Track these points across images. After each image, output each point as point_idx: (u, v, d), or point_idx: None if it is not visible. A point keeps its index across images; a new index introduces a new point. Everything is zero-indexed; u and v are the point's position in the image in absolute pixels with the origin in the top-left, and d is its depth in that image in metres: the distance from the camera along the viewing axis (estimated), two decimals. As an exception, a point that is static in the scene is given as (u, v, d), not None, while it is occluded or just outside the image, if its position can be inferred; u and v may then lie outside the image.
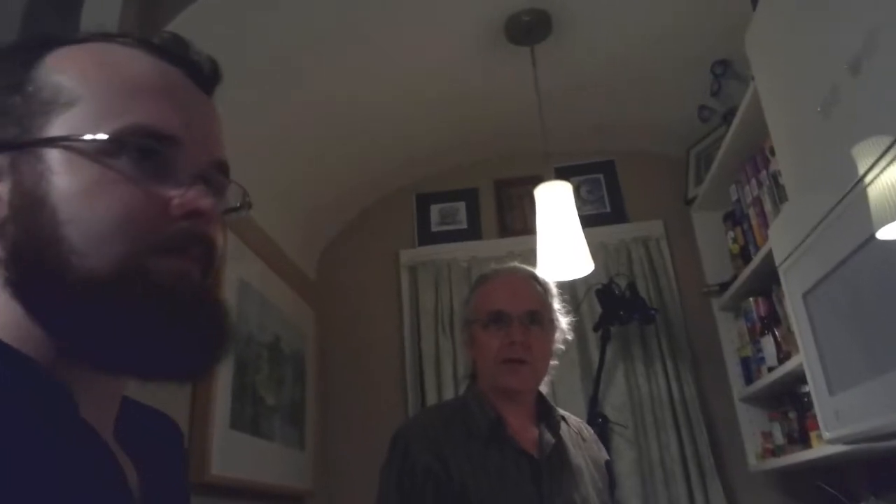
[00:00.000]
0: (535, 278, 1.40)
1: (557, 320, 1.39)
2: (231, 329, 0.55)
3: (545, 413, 1.35)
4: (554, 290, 1.42)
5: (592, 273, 2.07)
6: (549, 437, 1.30)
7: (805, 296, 1.39)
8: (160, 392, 0.53)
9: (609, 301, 2.32)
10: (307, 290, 2.47)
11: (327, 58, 1.99)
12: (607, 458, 1.43)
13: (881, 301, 1.10)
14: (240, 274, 1.85)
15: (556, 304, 1.40)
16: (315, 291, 2.59)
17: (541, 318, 1.33)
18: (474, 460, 1.22)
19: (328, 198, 2.63)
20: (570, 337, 1.42)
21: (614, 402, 2.44)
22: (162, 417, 0.66)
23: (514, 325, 1.29)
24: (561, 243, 1.91)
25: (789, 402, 2.06)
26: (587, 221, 2.14)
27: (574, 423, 1.43)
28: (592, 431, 1.47)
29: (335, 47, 1.96)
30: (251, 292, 1.91)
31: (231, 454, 1.68)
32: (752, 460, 2.32)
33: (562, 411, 1.42)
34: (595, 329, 2.39)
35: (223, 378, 1.66)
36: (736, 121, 2.04)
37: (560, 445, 1.31)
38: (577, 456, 1.33)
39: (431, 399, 2.40)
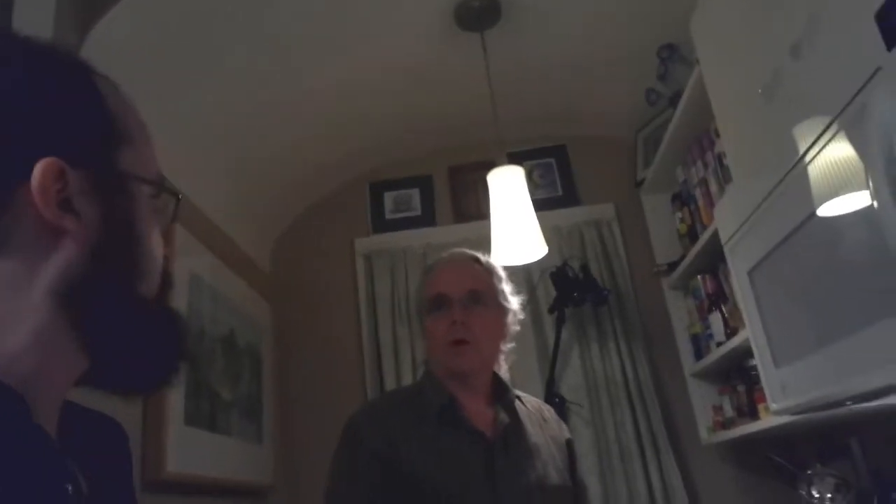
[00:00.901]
0: (476, 260, 1.41)
1: (506, 301, 1.40)
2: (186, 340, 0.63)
3: (500, 394, 1.36)
4: (501, 272, 1.44)
5: (546, 256, 2.10)
6: (503, 416, 1.31)
7: (750, 273, 1.43)
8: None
9: (563, 283, 2.36)
10: (261, 282, 2.43)
11: (276, 46, 1.94)
12: (569, 437, 1.46)
13: (822, 276, 1.14)
14: (190, 268, 1.80)
15: (505, 286, 1.42)
16: (270, 283, 2.55)
17: (483, 297, 1.34)
18: (426, 443, 1.22)
19: (280, 189, 2.59)
20: (521, 317, 1.44)
21: (570, 383, 2.48)
22: (105, 420, 0.65)
23: (455, 306, 1.31)
24: (514, 228, 1.92)
25: (738, 376, 2.14)
26: (540, 205, 2.16)
27: (533, 403, 1.45)
28: (553, 411, 1.50)
29: (284, 35, 1.92)
30: (203, 286, 1.87)
31: (187, 451, 1.65)
32: (704, 434, 2.40)
33: (519, 392, 1.43)
34: (550, 311, 2.43)
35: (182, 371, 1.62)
36: (682, 104, 2.09)
37: (516, 425, 1.32)
38: (536, 435, 1.35)
39: (391, 387, 2.40)
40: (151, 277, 0.57)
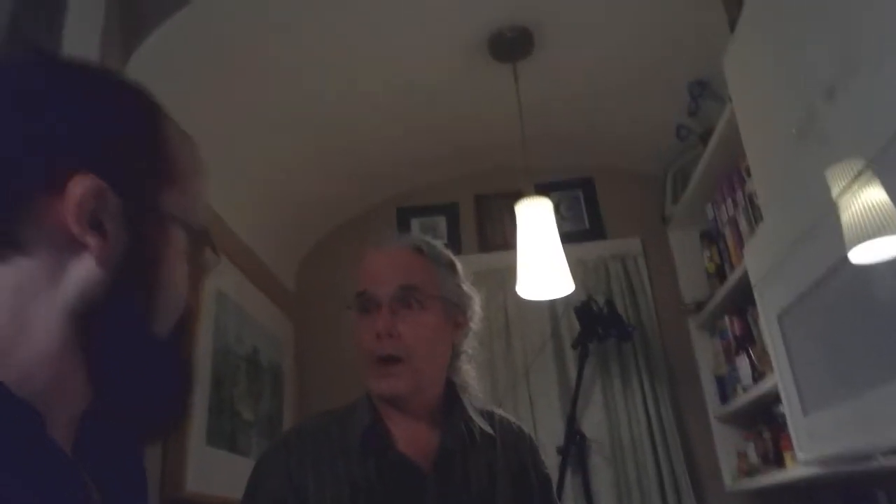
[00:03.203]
0: (418, 248, 1.08)
1: (456, 297, 1.08)
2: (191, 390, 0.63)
3: (449, 412, 1.07)
4: (453, 261, 1.13)
5: (573, 289, 2.08)
6: (447, 442, 1.04)
7: (780, 316, 1.40)
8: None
9: (587, 318, 2.33)
10: (286, 301, 2.44)
11: (309, 70, 1.99)
12: (547, 472, 1.16)
13: (854, 322, 1.12)
14: (218, 285, 1.83)
15: (456, 278, 1.11)
16: (294, 303, 2.56)
17: (419, 295, 1.02)
18: (339, 478, 0.98)
19: (308, 209, 2.62)
20: (473, 326, 1.12)
21: (592, 420, 2.44)
22: (122, 440, 0.65)
23: (382, 309, 1.01)
24: (541, 261, 1.91)
25: (764, 421, 2.08)
26: (566, 238, 2.15)
27: (505, 424, 1.15)
28: (529, 436, 1.18)
29: (318, 59, 1.96)
30: (229, 304, 1.88)
31: (207, 471, 1.65)
32: (728, 480, 2.33)
33: (495, 410, 1.16)
34: (573, 346, 2.40)
35: (200, 393, 1.64)
36: (713, 141, 2.08)
37: (464, 453, 1.05)
38: (495, 466, 1.07)
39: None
40: (167, 318, 0.56)
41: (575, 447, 2.31)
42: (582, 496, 2.33)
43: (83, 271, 0.50)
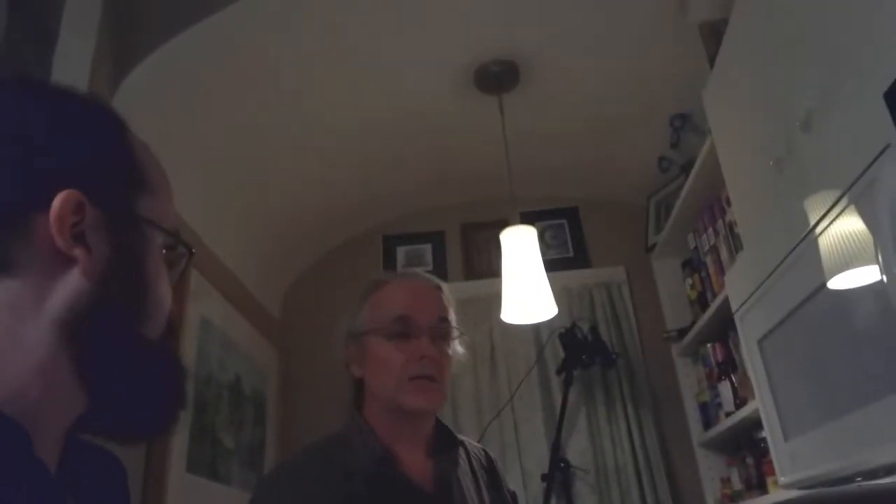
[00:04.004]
0: (438, 286, 1.19)
1: (460, 335, 1.18)
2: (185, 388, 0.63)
3: (444, 441, 1.15)
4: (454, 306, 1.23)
5: (556, 317, 2.09)
6: (447, 468, 1.11)
7: (760, 342, 1.42)
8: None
9: (572, 345, 2.35)
10: (270, 328, 2.43)
11: (299, 102, 2.01)
12: (512, 489, 1.25)
13: (832, 348, 1.14)
14: (202, 311, 1.82)
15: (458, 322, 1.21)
16: (279, 330, 2.56)
17: (450, 330, 1.14)
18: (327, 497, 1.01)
19: (294, 237, 2.63)
20: (463, 361, 1.22)
21: (576, 447, 2.44)
22: (105, 455, 0.65)
23: (424, 336, 1.08)
24: (525, 287, 1.93)
25: (747, 447, 2.10)
26: (551, 266, 2.17)
27: (475, 450, 1.24)
28: (495, 458, 1.26)
29: (308, 91, 1.99)
30: (213, 330, 1.88)
31: (186, 498, 1.62)
32: (712, 505, 2.34)
33: (462, 437, 1.23)
34: (558, 372, 2.41)
35: (181, 419, 1.62)
36: (694, 172, 2.12)
37: (459, 477, 1.12)
38: (480, 489, 1.16)
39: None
40: (156, 321, 0.57)
41: (559, 474, 2.30)
42: (566, 523, 2.32)
43: (71, 284, 0.51)
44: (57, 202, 0.51)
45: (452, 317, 1.16)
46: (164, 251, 0.59)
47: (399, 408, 1.08)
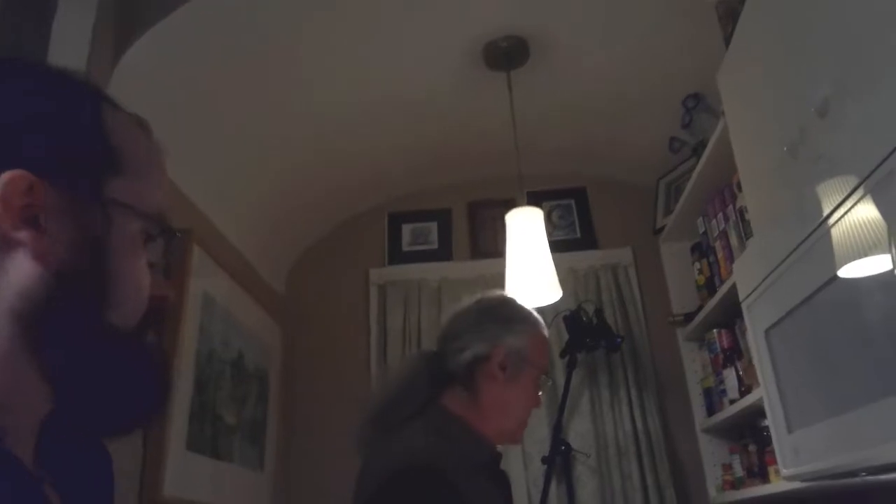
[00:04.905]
0: None
1: None
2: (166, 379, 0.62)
3: None
4: None
5: (561, 298, 2.08)
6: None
7: (767, 332, 1.40)
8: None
9: (576, 327, 2.33)
10: (274, 304, 2.43)
11: (304, 75, 1.98)
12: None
13: (842, 340, 1.11)
14: (205, 288, 1.81)
15: None
16: (282, 307, 2.55)
17: None
18: (488, 495, 1.15)
19: (299, 213, 2.61)
20: None
21: (578, 430, 2.44)
22: (88, 443, 0.63)
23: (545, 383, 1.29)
24: (530, 269, 1.91)
25: (750, 435, 2.08)
26: (557, 246, 2.15)
27: None
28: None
29: (313, 64, 1.95)
30: (216, 307, 1.87)
31: (186, 476, 1.63)
32: (713, 492, 2.33)
33: None
34: (561, 355, 2.39)
35: (181, 397, 1.62)
36: (705, 154, 2.08)
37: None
38: None
39: (395, 421, 2.37)
40: (128, 309, 0.54)
41: (560, 457, 2.30)
42: (566, 505, 2.33)
43: (23, 270, 0.49)
44: (2, 184, 0.48)
45: None
46: (143, 235, 0.56)
47: (515, 437, 1.25)
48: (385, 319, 2.60)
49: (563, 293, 2.21)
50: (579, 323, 2.33)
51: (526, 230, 1.97)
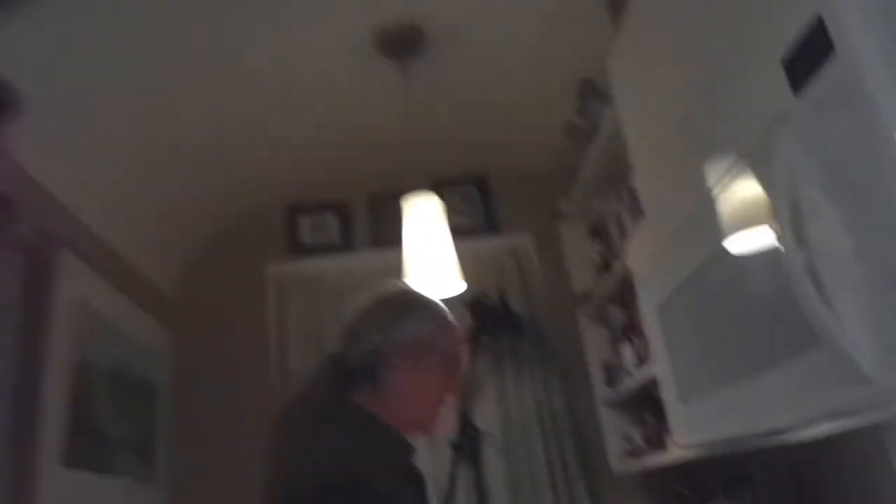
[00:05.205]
0: None
1: None
2: None
3: None
4: None
5: (466, 283, 2.07)
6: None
7: (659, 308, 1.43)
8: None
9: (480, 313, 2.33)
10: (164, 309, 2.28)
11: (190, 62, 1.84)
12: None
13: (729, 314, 1.15)
14: (76, 295, 1.65)
15: None
16: (174, 310, 2.39)
17: None
18: (409, 494, 1.13)
19: (188, 209, 2.45)
20: None
21: (485, 413, 2.44)
22: None
23: (459, 377, 1.23)
24: (430, 258, 1.87)
25: (648, 407, 2.16)
26: (461, 234, 2.13)
27: None
28: None
29: (198, 52, 1.82)
30: (89, 315, 1.71)
31: (65, 495, 1.49)
32: (615, 463, 2.41)
33: None
34: (466, 340, 2.39)
35: (52, 412, 1.47)
36: (599, 138, 2.12)
37: None
38: None
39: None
40: None
41: (468, 441, 2.30)
42: (474, 489, 2.33)
43: None
44: None
45: None
46: None
47: (426, 430, 1.19)
48: (286, 319, 2.50)
49: (467, 279, 2.21)
50: (482, 308, 2.33)
51: (424, 218, 1.93)
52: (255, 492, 1.06)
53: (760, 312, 1.04)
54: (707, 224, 1.15)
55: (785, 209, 0.88)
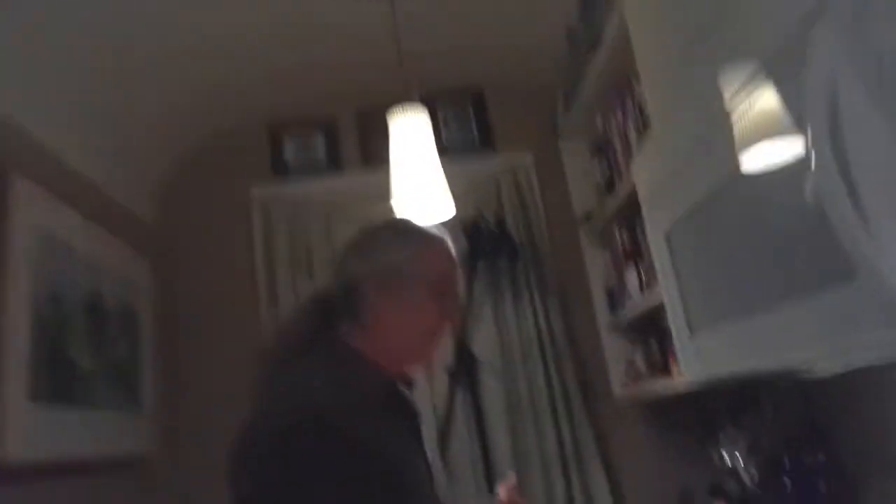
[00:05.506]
0: None
1: None
2: None
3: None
4: None
5: (460, 206, 1.98)
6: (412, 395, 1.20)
7: (667, 232, 1.32)
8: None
9: (476, 237, 2.22)
10: (140, 236, 2.17)
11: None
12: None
13: (745, 241, 1.04)
14: (35, 224, 1.53)
15: None
16: (152, 236, 2.29)
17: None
18: (384, 430, 1.04)
19: (163, 126, 2.29)
20: None
21: (482, 339, 2.37)
22: None
23: (454, 300, 1.18)
24: (418, 182, 1.74)
25: (652, 332, 2.08)
26: (455, 153, 2.02)
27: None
28: None
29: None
30: (54, 245, 1.60)
31: (35, 431, 1.43)
32: (617, 389, 2.36)
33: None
34: (462, 265, 2.29)
35: (14, 345, 1.39)
36: (602, 46, 1.94)
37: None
38: None
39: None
40: None
41: (465, 367, 2.25)
42: (472, 416, 2.29)
43: None
44: None
45: None
46: None
47: (415, 359, 1.16)
48: (272, 243, 2.40)
49: (462, 201, 2.11)
50: (479, 232, 2.22)
51: (410, 135, 1.78)
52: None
53: (783, 238, 0.93)
54: (723, 139, 1.03)
55: (820, 121, 0.74)
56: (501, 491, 1.32)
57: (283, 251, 2.36)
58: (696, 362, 1.32)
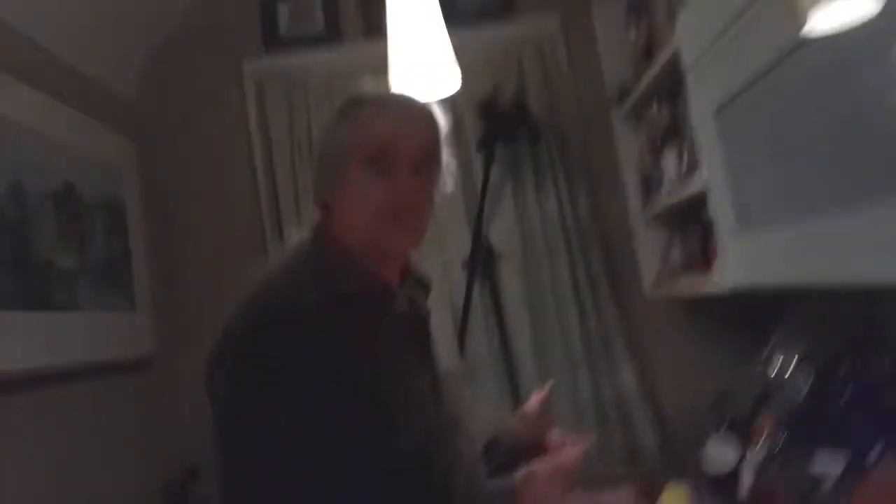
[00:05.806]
0: (430, 109, 1.08)
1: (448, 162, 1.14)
2: None
3: (407, 269, 1.11)
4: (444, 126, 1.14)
5: (476, 81, 1.82)
6: (418, 296, 1.11)
7: (717, 108, 1.10)
8: None
9: (493, 116, 1.98)
10: (120, 115, 1.97)
11: None
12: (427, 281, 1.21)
13: (815, 122, 0.81)
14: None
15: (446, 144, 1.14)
16: (135, 117, 2.09)
17: (437, 161, 1.06)
18: (365, 338, 0.95)
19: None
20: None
21: (501, 228, 2.18)
22: None
23: (404, 172, 0.98)
24: (417, 49, 1.48)
25: (691, 224, 1.86)
26: (469, 18, 1.75)
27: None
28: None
29: None
30: (18, 131, 1.43)
31: (9, 340, 1.33)
32: (649, 286, 2.17)
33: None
34: (478, 149, 2.07)
35: None
36: None
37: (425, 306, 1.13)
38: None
39: (293, 240, 2.07)
40: None
41: (482, 260, 2.09)
42: (491, 310, 2.16)
43: None
44: None
45: (443, 148, 1.08)
46: None
47: (375, 245, 1.00)
48: (266, 122, 2.19)
49: (480, 75, 1.86)
50: (496, 110, 1.98)
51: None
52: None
53: (864, 125, 0.71)
54: (788, 4, 0.79)
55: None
56: (533, 399, 1.25)
57: (281, 132, 2.17)
58: (738, 267, 1.13)
